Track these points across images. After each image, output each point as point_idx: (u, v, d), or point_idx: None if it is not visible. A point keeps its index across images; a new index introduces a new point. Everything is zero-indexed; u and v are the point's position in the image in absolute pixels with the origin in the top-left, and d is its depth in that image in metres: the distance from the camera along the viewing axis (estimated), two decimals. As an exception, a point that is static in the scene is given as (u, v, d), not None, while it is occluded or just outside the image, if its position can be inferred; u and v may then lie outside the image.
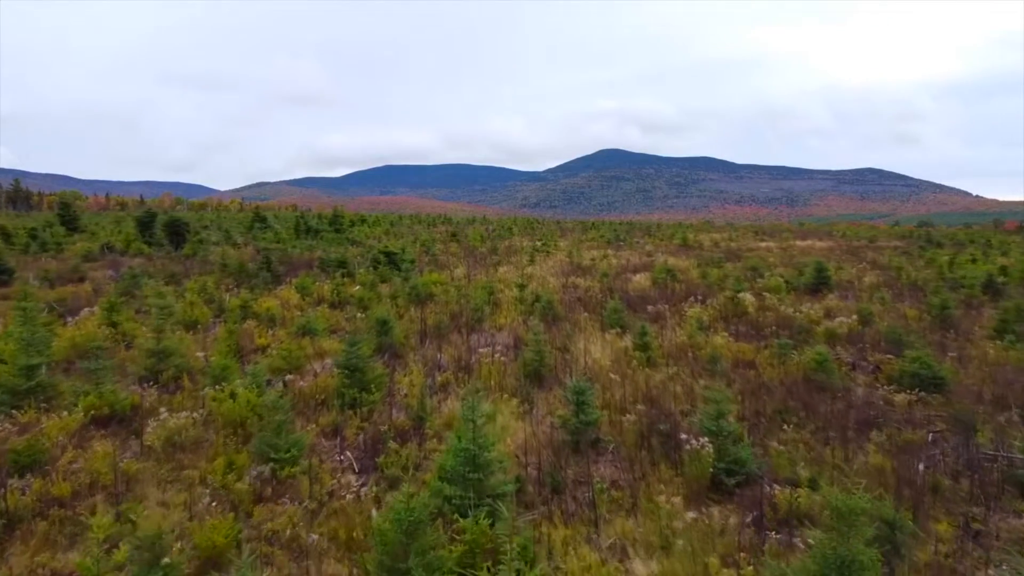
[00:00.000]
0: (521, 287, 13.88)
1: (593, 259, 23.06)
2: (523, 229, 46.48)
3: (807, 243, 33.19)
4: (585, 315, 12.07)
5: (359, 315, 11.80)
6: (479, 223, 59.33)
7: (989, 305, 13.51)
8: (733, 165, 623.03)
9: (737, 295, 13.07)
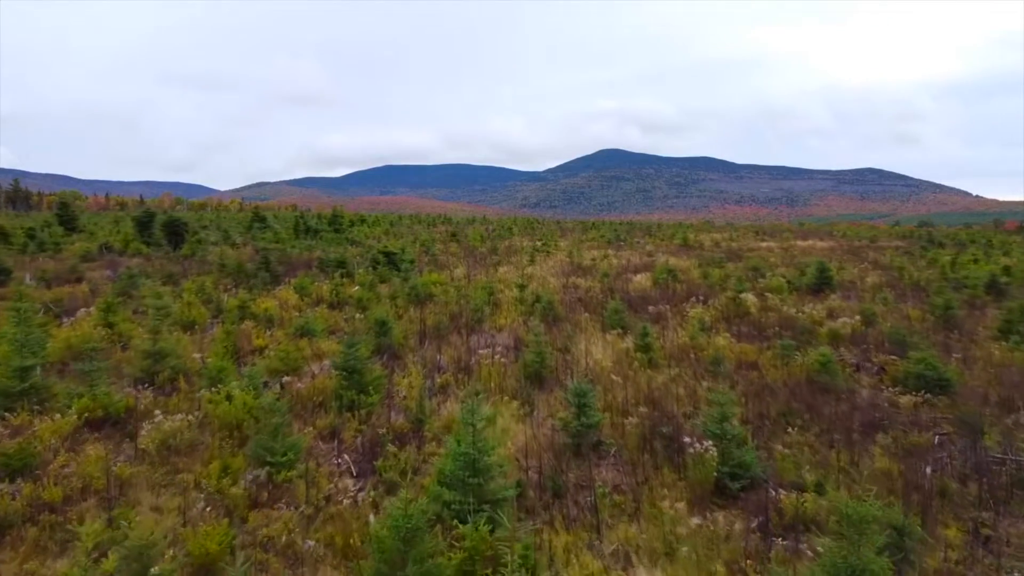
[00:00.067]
0: (521, 287, 13.79)
1: (593, 259, 22.97)
2: (523, 229, 46.39)
3: (808, 243, 33.10)
4: (586, 316, 11.98)
5: (358, 316, 11.70)
6: (479, 223, 59.24)
7: (992, 305, 13.42)
8: (733, 165, 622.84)
9: (739, 295, 12.98)
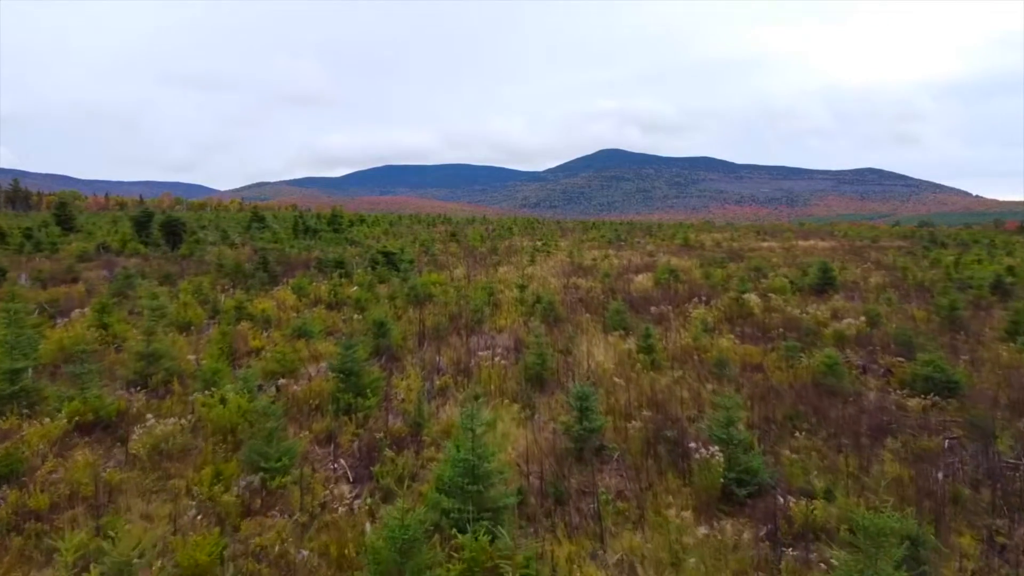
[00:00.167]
0: (521, 288, 13.64)
1: (594, 259, 22.83)
2: (523, 229, 46.24)
3: (809, 243, 32.96)
4: (587, 316, 11.84)
5: (356, 316, 11.56)
6: (479, 223, 59.08)
7: (998, 306, 13.27)
8: (733, 165, 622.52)
9: (742, 296, 12.83)
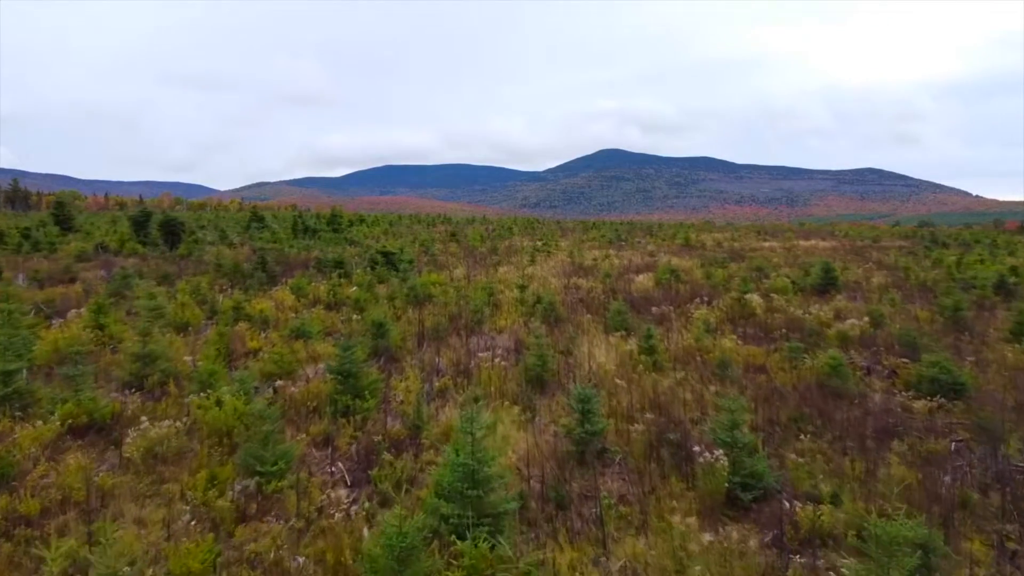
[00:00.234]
0: (522, 288, 13.54)
1: (595, 259, 22.73)
2: (523, 229, 46.14)
3: (810, 243, 32.87)
4: (588, 317, 11.74)
5: (355, 317, 11.46)
6: (479, 223, 58.98)
7: (1002, 307, 13.18)
8: (733, 165, 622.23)
9: (744, 296, 12.74)
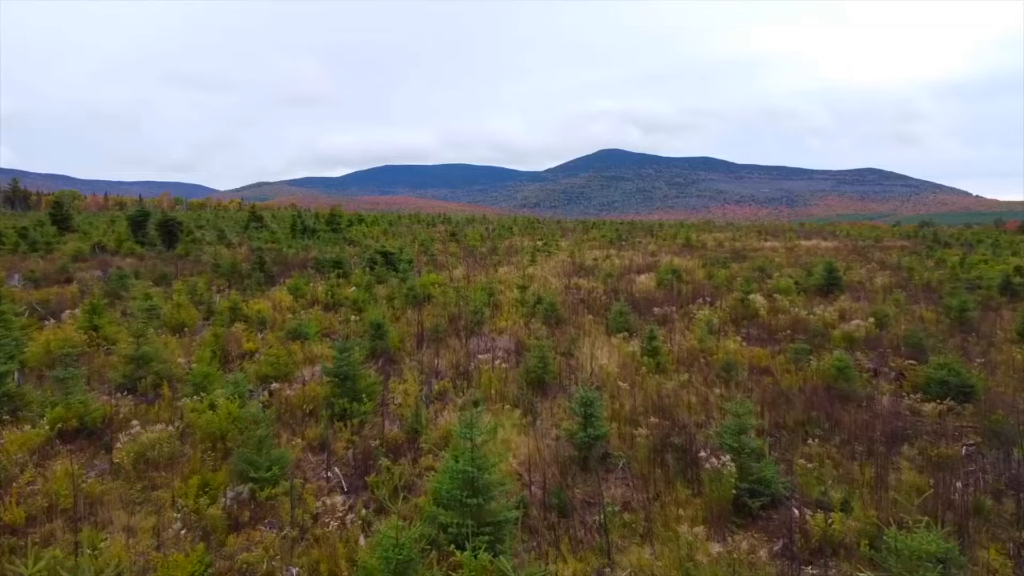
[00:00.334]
0: (522, 288, 13.39)
1: (595, 259, 22.57)
2: (523, 229, 45.99)
3: (812, 243, 32.72)
4: (589, 318, 11.60)
5: (353, 318, 11.31)
6: (479, 223, 58.82)
7: (1007, 307, 13.03)
8: (733, 165, 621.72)
9: (747, 296, 12.59)
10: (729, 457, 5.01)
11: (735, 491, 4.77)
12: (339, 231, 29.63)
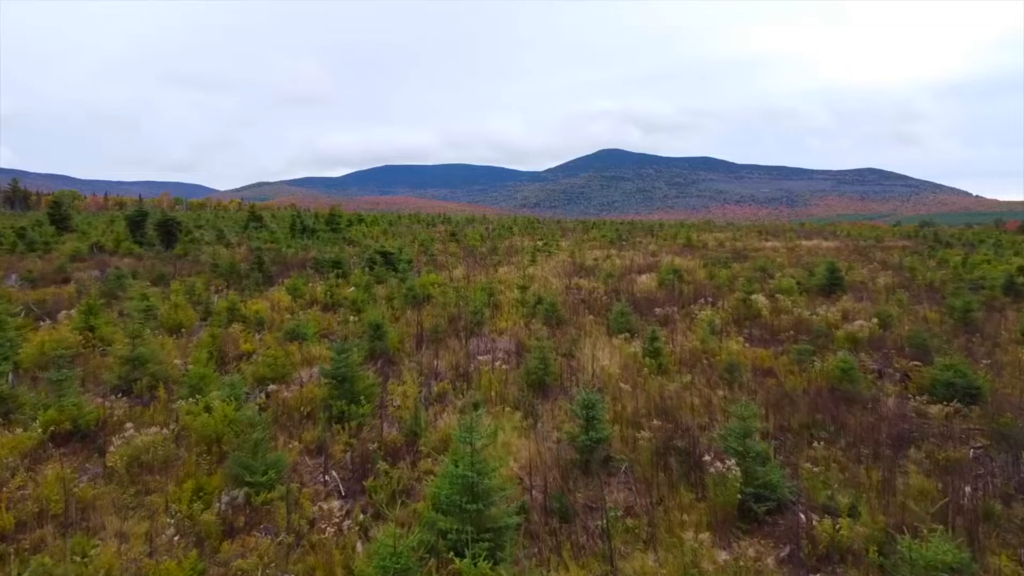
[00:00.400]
0: (522, 288, 13.30)
1: (596, 259, 22.48)
2: (523, 229, 45.89)
3: (813, 243, 32.63)
4: (590, 318, 11.50)
5: (352, 318, 11.22)
6: (479, 223, 58.72)
7: (1012, 307, 12.94)
8: (733, 165, 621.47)
9: (749, 297, 12.49)
10: (734, 461, 4.91)
11: (740, 496, 4.68)
12: (338, 231, 29.53)
